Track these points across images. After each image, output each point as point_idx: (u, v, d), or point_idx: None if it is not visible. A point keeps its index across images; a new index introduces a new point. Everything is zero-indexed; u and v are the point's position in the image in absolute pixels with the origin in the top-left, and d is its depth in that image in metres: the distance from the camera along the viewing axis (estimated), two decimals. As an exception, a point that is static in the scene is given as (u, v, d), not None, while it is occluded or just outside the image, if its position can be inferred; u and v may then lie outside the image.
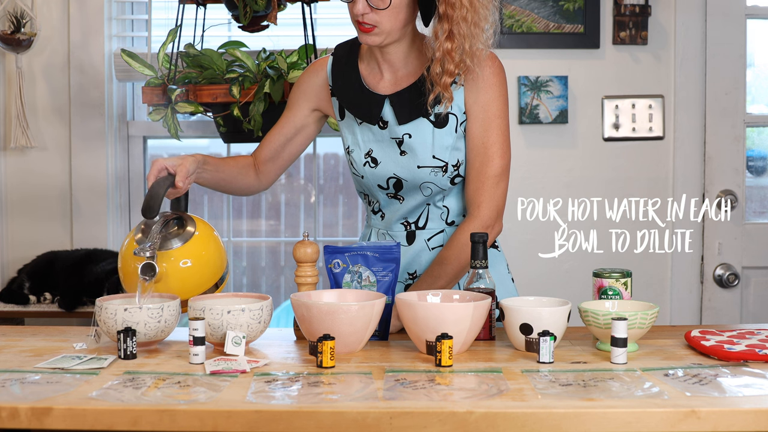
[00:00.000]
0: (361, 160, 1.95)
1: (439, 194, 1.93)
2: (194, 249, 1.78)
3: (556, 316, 1.59)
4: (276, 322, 3.15)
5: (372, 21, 1.81)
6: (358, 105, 1.93)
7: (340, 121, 1.99)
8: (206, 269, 1.79)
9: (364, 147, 1.95)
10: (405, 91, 1.90)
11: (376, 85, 1.93)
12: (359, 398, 1.32)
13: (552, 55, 3.11)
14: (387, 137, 1.92)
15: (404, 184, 1.92)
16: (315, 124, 2.06)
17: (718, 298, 3.17)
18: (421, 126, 1.89)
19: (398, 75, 1.92)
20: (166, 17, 3.12)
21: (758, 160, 3.25)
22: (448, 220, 1.96)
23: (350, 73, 1.95)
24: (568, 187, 3.12)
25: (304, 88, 2.03)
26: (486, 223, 1.89)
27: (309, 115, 2.04)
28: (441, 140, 1.89)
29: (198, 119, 3.18)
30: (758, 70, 3.25)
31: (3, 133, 3.14)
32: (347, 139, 1.98)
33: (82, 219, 3.15)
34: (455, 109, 1.89)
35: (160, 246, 1.74)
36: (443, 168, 1.90)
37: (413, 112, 1.89)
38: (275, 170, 2.09)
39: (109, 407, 1.28)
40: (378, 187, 1.96)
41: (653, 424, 1.26)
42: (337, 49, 2.01)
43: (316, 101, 2.02)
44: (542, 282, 3.04)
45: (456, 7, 1.78)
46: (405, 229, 1.97)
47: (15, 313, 2.87)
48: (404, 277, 1.98)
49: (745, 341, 1.62)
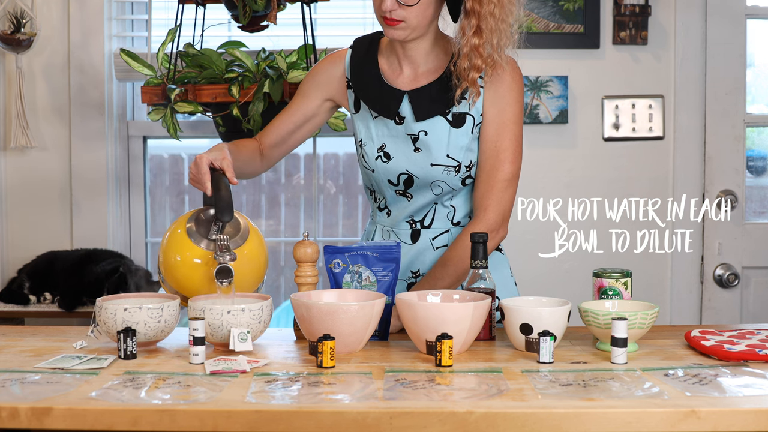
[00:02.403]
0: (373, 154, 1.94)
1: (449, 194, 1.93)
2: (253, 245, 1.79)
3: (556, 316, 1.59)
4: (276, 322, 3.15)
5: (399, 17, 1.80)
6: (376, 99, 1.93)
7: (354, 113, 1.98)
8: (261, 261, 1.82)
9: (377, 141, 1.94)
10: (425, 88, 1.90)
11: (395, 80, 1.93)
12: (359, 398, 1.32)
13: (552, 55, 3.11)
14: (402, 133, 1.92)
15: (415, 181, 1.92)
16: (325, 114, 2.06)
17: (718, 298, 3.17)
18: (438, 124, 1.89)
19: (418, 71, 1.92)
20: (165, 17, 3.12)
21: (758, 160, 3.25)
22: (454, 220, 1.96)
23: (370, 67, 1.95)
24: (568, 187, 3.12)
25: (321, 77, 2.02)
26: (491, 227, 1.89)
27: (321, 104, 2.03)
28: (457, 140, 1.89)
29: (197, 119, 3.18)
30: (758, 70, 3.25)
31: (3, 133, 3.14)
32: (360, 132, 1.97)
33: (82, 219, 3.15)
34: (473, 110, 1.90)
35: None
36: (456, 168, 1.90)
37: (432, 109, 1.89)
38: (279, 155, 2.09)
39: (109, 407, 1.28)
40: (388, 183, 1.95)
41: (653, 424, 1.26)
42: (357, 43, 2.00)
43: (330, 92, 2.01)
44: (542, 282, 3.04)
45: (484, 3, 1.79)
46: (410, 228, 1.97)
47: (15, 313, 2.87)
48: (407, 276, 1.97)
49: (745, 341, 1.62)
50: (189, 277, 1.76)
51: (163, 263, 1.80)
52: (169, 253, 1.77)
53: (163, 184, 3.39)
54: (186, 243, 1.76)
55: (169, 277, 1.79)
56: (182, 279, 1.76)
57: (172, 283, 1.78)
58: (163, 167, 3.39)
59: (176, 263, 1.76)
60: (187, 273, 1.75)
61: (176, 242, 1.77)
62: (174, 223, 1.83)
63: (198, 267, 1.75)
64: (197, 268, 1.75)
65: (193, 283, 1.75)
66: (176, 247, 1.76)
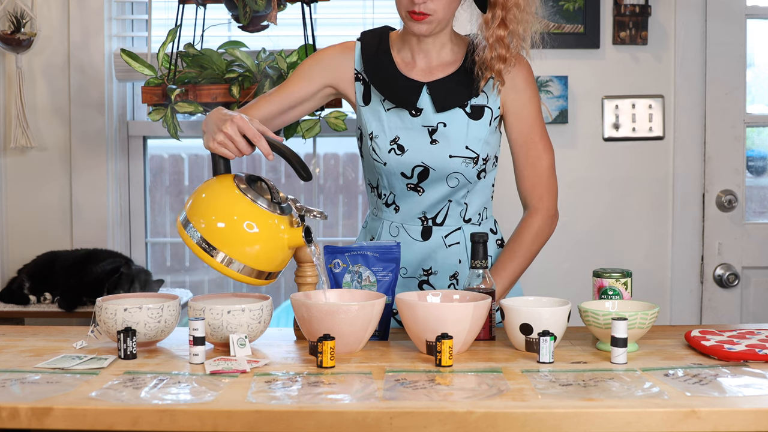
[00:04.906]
0: (386, 147, 1.92)
1: (463, 189, 1.93)
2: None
3: (556, 316, 1.59)
4: (276, 322, 3.15)
5: (428, 10, 1.81)
6: (393, 91, 1.92)
7: (363, 106, 1.96)
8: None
9: (390, 133, 1.92)
10: (444, 80, 1.90)
11: (410, 72, 1.93)
12: (359, 398, 1.32)
13: (552, 55, 3.11)
14: (418, 125, 1.91)
15: (431, 173, 1.91)
16: (320, 100, 2.00)
17: (718, 298, 3.17)
18: (457, 116, 1.90)
19: (432, 64, 1.93)
20: (166, 17, 3.12)
21: (758, 160, 3.25)
22: (466, 217, 1.96)
23: (384, 59, 1.94)
24: (569, 187, 3.12)
25: (328, 62, 1.97)
26: (551, 212, 1.97)
27: (321, 90, 1.98)
28: (475, 132, 1.90)
29: (198, 119, 3.18)
30: (758, 70, 3.25)
31: (3, 133, 3.14)
32: (370, 125, 1.94)
33: (82, 219, 3.15)
34: (491, 103, 1.92)
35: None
36: (474, 160, 1.91)
37: (451, 100, 1.90)
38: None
39: (109, 407, 1.28)
40: (401, 176, 1.93)
41: (653, 424, 1.26)
42: (366, 36, 1.98)
43: (335, 79, 1.97)
44: (542, 282, 3.04)
45: None
46: (421, 224, 1.96)
47: (15, 313, 2.87)
48: (418, 273, 1.96)
49: (745, 341, 1.62)
50: (266, 241, 1.62)
51: (227, 235, 1.61)
52: (237, 220, 1.61)
53: (163, 184, 3.39)
54: (254, 208, 1.61)
55: (228, 242, 1.61)
56: (259, 246, 1.61)
57: (231, 250, 1.60)
58: (163, 167, 3.39)
59: (250, 234, 1.60)
60: (263, 238, 1.62)
61: (243, 210, 1.61)
62: (214, 194, 1.65)
63: (273, 231, 1.63)
64: (270, 231, 1.63)
65: (272, 249, 1.63)
66: (243, 213, 1.61)
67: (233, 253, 1.61)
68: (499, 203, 2.33)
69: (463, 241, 1.95)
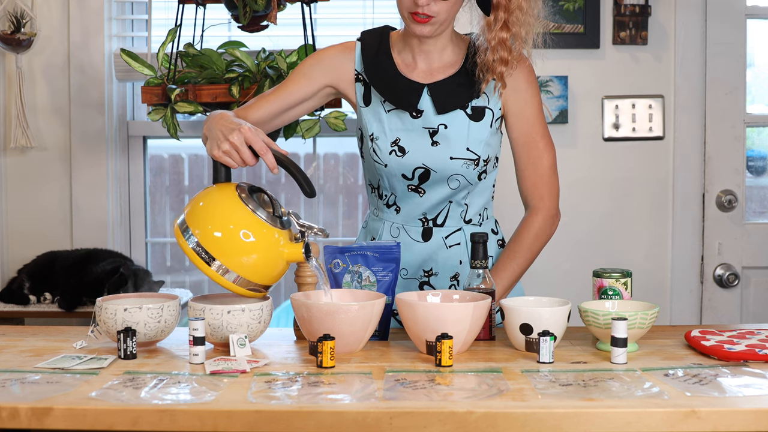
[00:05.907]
0: (386, 148, 1.92)
1: (464, 190, 1.93)
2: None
3: (556, 316, 1.59)
4: (276, 322, 3.15)
5: (431, 12, 1.80)
6: (394, 92, 1.91)
7: (363, 107, 1.95)
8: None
9: (390, 135, 1.92)
10: (445, 82, 1.90)
11: (410, 74, 1.93)
12: (359, 398, 1.32)
13: (552, 55, 3.10)
14: (419, 126, 1.91)
15: (432, 175, 1.91)
16: (320, 100, 2.00)
17: (718, 298, 3.17)
18: (458, 118, 1.90)
19: (433, 66, 1.93)
20: (166, 17, 3.12)
21: (758, 160, 3.25)
22: (467, 218, 1.96)
23: (385, 60, 1.94)
24: (569, 187, 3.12)
25: (329, 62, 1.97)
26: (552, 212, 1.96)
27: (322, 89, 1.97)
28: (476, 133, 1.90)
29: (198, 119, 3.18)
30: (758, 70, 3.25)
31: (3, 133, 3.14)
32: (371, 126, 1.93)
33: (82, 219, 3.15)
34: (491, 104, 1.91)
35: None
36: (475, 161, 1.90)
37: (452, 102, 1.90)
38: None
39: (109, 407, 1.28)
40: (401, 177, 1.93)
41: (653, 424, 1.26)
42: (366, 36, 1.98)
43: (335, 79, 1.96)
44: (542, 282, 3.04)
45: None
46: (422, 225, 1.96)
47: (15, 313, 2.87)
48: (419, 275, 1.96)
49: (745, 341, 1.62)
50: (263, 253, 1.61)
51: (226, 247, 1.60)
52: (234, 230, 1.60)
53: (163, 184, 3.39)
54: (254, 219, 1.60)
55: (228, 255, 1.60)
56: (256, 258, 1.60)
57: (229, 260, 1.60)
58: (163, 167, 3.39)
59: (248, 244, 1.60)
60: (260, 250, 1.61)
61: (242, 220, 1.60)
62: (213, 201, 1.64)
63: (272, 244, 1.62)
64: (268, 243, 1.62)
65: (270, 262, 1.62)
66: (242, 224, 1.60)
67: (229, 262, 1.60)
68: (500, 203, 2.33)
69: (463, 242, 1.95)
